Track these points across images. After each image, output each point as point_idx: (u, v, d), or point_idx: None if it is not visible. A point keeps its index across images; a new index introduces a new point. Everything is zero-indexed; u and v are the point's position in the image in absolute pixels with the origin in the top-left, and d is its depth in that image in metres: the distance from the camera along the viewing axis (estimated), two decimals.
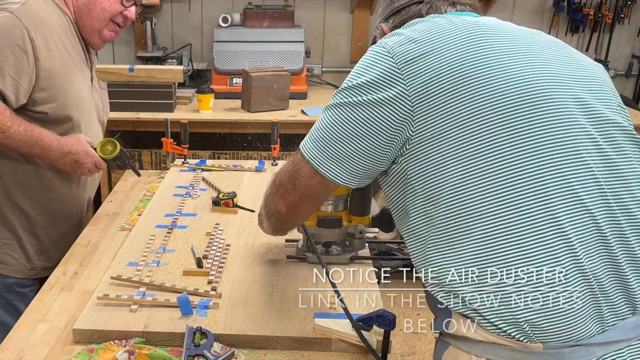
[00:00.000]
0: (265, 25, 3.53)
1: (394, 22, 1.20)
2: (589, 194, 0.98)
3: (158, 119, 2.97)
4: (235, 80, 3.36)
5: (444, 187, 1.01)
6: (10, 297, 1.75)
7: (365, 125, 1.04)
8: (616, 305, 1.00)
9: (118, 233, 1.73)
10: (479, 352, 1.00)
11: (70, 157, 1.67)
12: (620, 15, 3.72)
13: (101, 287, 1.38)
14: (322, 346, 1.23)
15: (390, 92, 1.02)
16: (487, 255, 0.98)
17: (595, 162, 1.00)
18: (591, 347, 0.97)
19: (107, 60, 3.71)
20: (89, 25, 1.76)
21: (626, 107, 1.12)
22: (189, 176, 2.11)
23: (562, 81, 1.03)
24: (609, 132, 1.03)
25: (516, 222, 0.97)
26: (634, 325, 1.00)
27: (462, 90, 0.99)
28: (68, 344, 1.23)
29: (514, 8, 3.77)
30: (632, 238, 1.00)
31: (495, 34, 1.06)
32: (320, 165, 1.09)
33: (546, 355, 0.97)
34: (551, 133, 0.99)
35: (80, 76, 1.76)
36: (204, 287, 1.38)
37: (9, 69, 1.55)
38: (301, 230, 1.48)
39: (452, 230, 1.01)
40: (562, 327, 0.96)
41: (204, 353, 1.16)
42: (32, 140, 1.61)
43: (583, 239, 0.97)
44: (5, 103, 1.56)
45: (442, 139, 1.00)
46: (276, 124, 2.22)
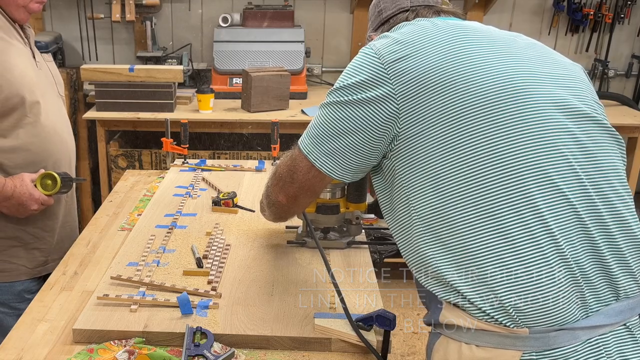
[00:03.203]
0: (265, 25, 3.53)
1: (382, 31, 1.26)
2: (568, 184, 1.03)
3: (158, 119, 2.97)
4: (235, 80, 3.37)
5: (428, 179, 1.06)
6: (22, 306, 1.73)
7: (355, 122, 1.11)
8: (599, 292, 1.03)
9: (118, 233, 1.73)
10: (468, 339, 1.04)
11: (14, 200, 1.62)
12: (620, 15, 3.72)
13: (101, 287, 1.38)
14: (322, 346, 1.23)
15: (378, 91, 1.09)
16: (472, 244, 1.02)
17: (573, 154, 1.05)
18: (576, 332, 1.00)
19: (107, 60, 3.71)
20: (13, 3, 1.67)
21: (602, 104, 1.17)
22: (189, 176, 2.11)
23: (540, 79, 1.09)
24: (585, 125, 1.08)
25: (498, 213, 1.01)
26: (618, 311, 1.04)
27: (445, 88, 1.05)
28: (68, 344, 1.23)
29: (514, 8, 3.77)
30: (612, 226, 1.04)
31: (477, 36, 1.12)
32: (316, 159, 1.16)
33: (532, 339, 1.00)
34: (529, 127, 1.04)
35: (19, 57, 1.67)
36: (204, 287, 1.38)
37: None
38: (301, 216, 1.57)
39: (438, 221, 1.05)
40: (546, 311, 1.00)
41: (204, 353, 1.16)
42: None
43: (564, 227, 1.01)
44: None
45: (426, 134, 1.06)
46: (276, 124, 2.22)
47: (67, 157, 1.83)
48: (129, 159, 3.08)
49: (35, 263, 1.77)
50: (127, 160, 3.08)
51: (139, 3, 3.48)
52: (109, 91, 3.01)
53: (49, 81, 1.81)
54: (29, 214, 1.67)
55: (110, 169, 3.09)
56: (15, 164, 1.66)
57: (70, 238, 1.81)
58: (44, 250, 1.79)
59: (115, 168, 3.09)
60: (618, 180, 1.08)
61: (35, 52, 1.79)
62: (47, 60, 1.87)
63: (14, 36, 1.70)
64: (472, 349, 1.03)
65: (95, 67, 3.02)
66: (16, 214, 1.66)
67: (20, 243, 1.74)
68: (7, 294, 1.74)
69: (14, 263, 1.74)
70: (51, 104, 1.76)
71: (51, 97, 1.79)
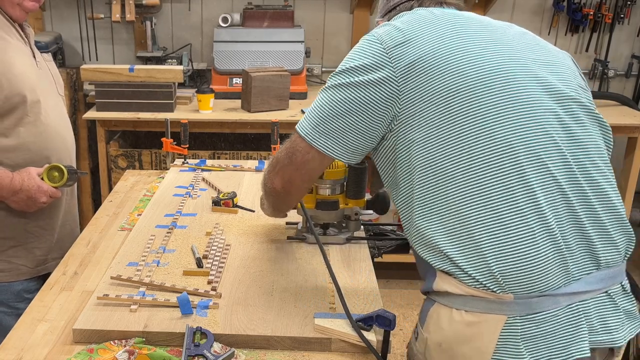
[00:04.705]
0: (265, 25, 3.53)
1: (389, 18, 1.33)
2: (553, 161, 1.11)
3: (158, 119, 2.97)
4: (235, 80, 3.36)
5: (427, 155, 1.13)
6: (22, 306, 1.73)
7: (356, 103, 1.17)
8: (580, 261, 1.12)
9: (118, 233, 1.73)
10: (459, 305, 1.12)
11: (24, 194, 1.62)
12: (620, 15, 3.72)
13: (101, 287, 1.38)
14: (322, 346, 1.23)
15: (379, 74, 1.15)
16: (464, 215, 1.10)
17: (559, 134, 1.13)
18: (557, 297, 1.09)
19: (107, 60, 3.71)
20: (7, 0, 1.66)
21: (588, 88, 1.26)
22: (189, 176, 2.11)
23: (528, 63, 1.17)
24: (570, 107, 1.16)
25: (489, 184, 1.09)
26: (598, 279, 1.13)
27: (442, 71, 1.13)
28: (68, 344, 1.23)
29: (514, 8, 3.77)
30: (594, 200, 1.13)
31: (471, 24, 1.21)
32: (313, 140, 1.20)
33: (516, 304, 1.08)
34: (518, 107, 1.12)
35: (19, 56, 1.68)
36: (204, 287, 1.38)
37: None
38: (301, 212, 1.60)
39: (434, 193, 1.13)
40: (529, 278, 1.08)
41: (204, 353, 1.16)
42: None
43: (551, 201, 1.10)
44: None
45: (424, 114, 1.13)
46: (276, 124, 2.22)
47: (67, 156, 1.83)
48: (129, 159, 3.08)
49: (35, 262, 1.77)
50: (127, 160, 3.08)
51: (139, 3, 3.48)
52: (109, 91, 3.01)
53: (49, 80, 1.81)
54: (38, 207, 1.67)
55: (110, 169, 3.09)
56: (16, 163, 1.67)
57: (70, 237, 1.81)
58: (43, 249, 1.79)
59: (115, 168, 3.08)
60: (600, 158, 1.16)
61: (35, 52, 1.79)
62: (46, 60, 1.87)
63: (14, 35, 1.70)
64: (462, 314, 1.12)
65: (95, 67, 3.01)
66: (25, 207, 1.66)
67: (19, 242, 1.74)
68: (6, 293, 1.74)
69: (13, 263, 1.74)
70: (51, 103, 1.76)
71: (51, 96, 1.79)
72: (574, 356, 1.09)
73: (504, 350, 1.09)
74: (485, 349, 1.09)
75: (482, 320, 1.10)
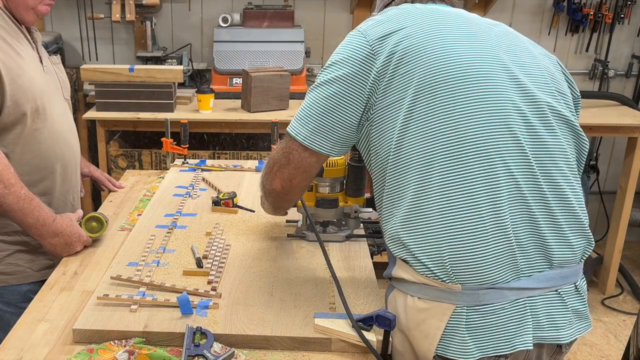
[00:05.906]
0: (265, 25, 3.53)
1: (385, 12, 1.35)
2: (515, 162, 1.13)
3: (158, 119, 2.97)
4: (235, 80, 3.36)
5: (394, 147, 1.17)
6: (27, 306, 1.72)
7: (340, 97, 1.20)
8: (533, 259, 1.15)
9: (118, 233, 1.73)
10: (413, 292, 1.17)
11: (63, 238, 1.59)
12: (620, 15, 3.72)
13: (101, 287, 1.38)
14: (322, 346, 1.23)
15: (362, 66, 1.19)
16: (424, 204, 1.13)
17: (524, 135, 1.15)
18: (504, 291, 1.13)
19: (107, 60, 3.71)
20: (22, 4, 1.65)
21: (569, 95, 1.27)
22: (189, 176, 2.11)
23: (503, 64, 1.18)
24: (540, 111, 1.18)
25: (450, 177, 1.12)
26: (549, 278, 1.16)
27: (417, 61, 1.16)
28: (68, 344, 1.23)
29: (514, 8, 3.77)
30: (553, 203, 1.16)
31: (453, 19, 1.24)
32: (305, 139, 1.23)
33: (464, 295, 1.12)
34: (485, 106, 1.14)
35: (28, 63, 1.64)
36: (204, 287, 1.38)
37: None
38: (301, 210, 1.63)
39: (398, 184, 1.17)
40: (477, 270, 1.11)
41: (204, 353, 1.16)
42: (29, 209, 1.53)
43: (509, 198, 1.12)
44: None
45: (395, 105, 1.17)
46: (276, 124, 2.22)
47: (73, 162, 1.83)
48: (129, 159, 3.07)
49: (41, 266, 1.77)
50: (127, 160, 3.07)
51: (139, 3, 3.48)
52: (109, 91, 3.01)
53: (55, 86, 1.80)
54: (70, 253, 1.63)
55: (110, 169, 3.09)
56: (23, 170, 1.65)
57: None
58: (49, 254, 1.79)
59: (115, 168, 3.08)
60: (565, 163, 1.18)
61: (42, 56, 1.77)
62: (54, 62, 1.86)
63: (22, 40, 1.69)
64: (414, 301, 1.17)
65: (95, 67, 3.01)
66: (59, 251, 1.61)
67: (26, 247, 1.73)
68: (13, 294, 1.74)
69: (20, 266, 1.73)
70: (58, 109, 1.75)
71: (58, 101, 1.78)
72: (516, 348, 1.13)
73: (450, 338, 1.13)
74: (433, 334, 1.14)
75: (432, 307, 1.15)
